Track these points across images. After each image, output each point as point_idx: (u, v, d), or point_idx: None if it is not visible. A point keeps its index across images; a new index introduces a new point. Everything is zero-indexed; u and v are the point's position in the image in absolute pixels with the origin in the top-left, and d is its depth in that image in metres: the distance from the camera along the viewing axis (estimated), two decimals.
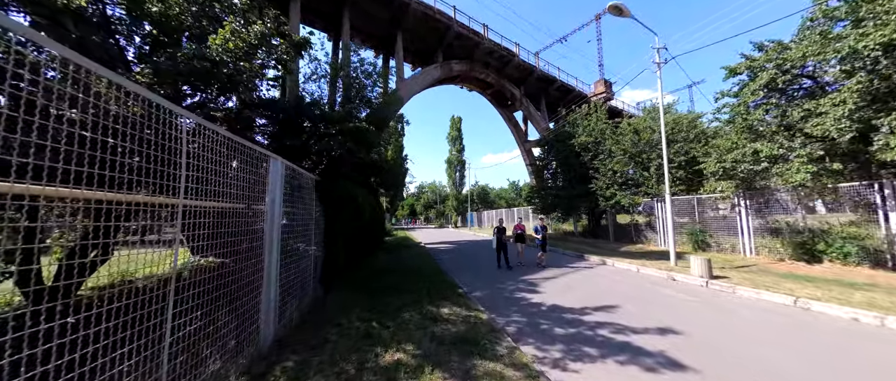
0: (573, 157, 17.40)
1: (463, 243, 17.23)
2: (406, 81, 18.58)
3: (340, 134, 7.29)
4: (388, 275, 7.32)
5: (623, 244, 14.12)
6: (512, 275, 7.81)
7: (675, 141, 13.78)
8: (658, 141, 13.88)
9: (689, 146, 13.29)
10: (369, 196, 10.13)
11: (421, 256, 11.15)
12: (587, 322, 4.40)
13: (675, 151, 13.26)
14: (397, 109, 15.61)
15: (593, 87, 29.74)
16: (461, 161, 42.11)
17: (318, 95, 11.07)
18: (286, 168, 3.92)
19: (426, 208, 63.32)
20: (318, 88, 11.66)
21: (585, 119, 17.79)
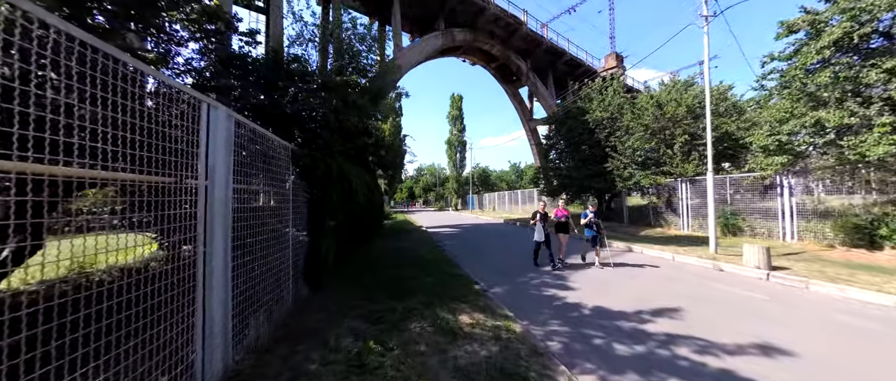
0: (587, 134, 16.10)
1: (466, 227, 16.21)
2: (404, 50, 16.89)
3: (324, 89, 5.88)
4: (389, 267, 6.24)
5: (640, 228, 13.11)
6: (530, 265, 6.75)
7: (702, 116, 12.48)
8: (683, 116, 12.60)
9: (718, 121, 12.00)
10: (365, 175, 8.91)
11: (424, 242, 10.08)
12: (654, 336, 3.33)
13: (704, 126, 11.98)
14: (395, 81, 14.10)
15: (604, 61, 27.92)
16: (462, 142, 40.60)
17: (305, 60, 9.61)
18: (240, 126, 2.69)
19: (425, 190, 62.26)
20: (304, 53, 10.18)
21: (601, 93, 16.34)
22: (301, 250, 4.35)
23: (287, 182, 3.83)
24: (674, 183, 12.54)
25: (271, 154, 3.45)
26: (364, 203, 8.29)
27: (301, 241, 4.35)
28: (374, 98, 10.88)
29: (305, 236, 4.47)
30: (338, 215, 5.71)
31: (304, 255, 4.44)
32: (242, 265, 2.73)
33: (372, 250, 8.34)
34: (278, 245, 3.57)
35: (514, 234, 12.84)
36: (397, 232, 13.01)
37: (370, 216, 9.36)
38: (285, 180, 3.79)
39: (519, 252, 8.37)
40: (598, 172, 15.60)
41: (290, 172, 3.96)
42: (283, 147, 3.78)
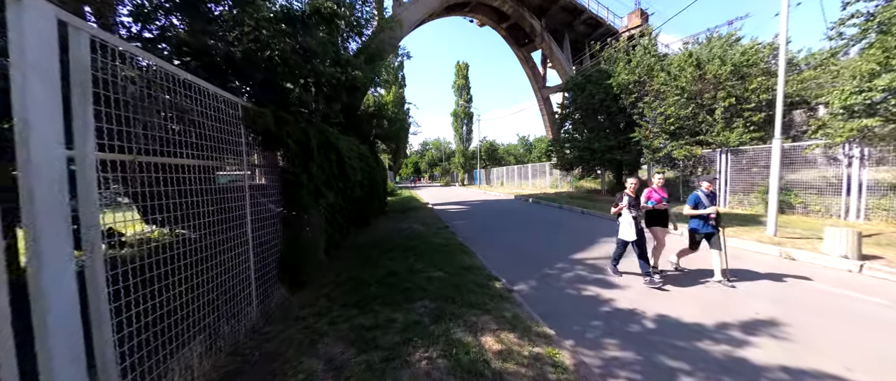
0: (610, 100, 14.46)
1: (476, 205, 15.18)
2: (405, 4, 14.98)
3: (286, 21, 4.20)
4: (390, 255, 5.25)
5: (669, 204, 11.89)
6: (552, 249, 5.71)
7: (750, 76, 10.78)
8: (726, 77, 10.89)
9: (771, 81, 10.31)
10: (362, 147, 7.75)
11: (430, 222, 9.08)
12: (767, 371, 2.29)
13: (755, 87, 10.34)
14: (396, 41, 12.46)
15: (627, 19, 25.18)
16: (468, 114, 38.63)
17: None
18: (104, 51, 1.54)
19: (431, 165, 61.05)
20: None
21: (628, 54, 14.46)
22: (272, 242, 3.33)
23: (232, 149, 2.72)
24: (711, 154, 11.12)
25: (203, 110, 2.32)
26: (362, 180, 7.22)
27: (271, 231, 3.31)
28: (371, 58, 9.47)
29: (275, 225, 3.43)
30: (326, 194, 4.64)
31: (277, 249, 3.43)
32: (148, 282, 1.70)
33: (372, 233, 7.37)
34: (228, 242, 2.53)
35: (527, 212, 11.77)
36: (402, 210, 12.04)
37: (370, 195, 8.33)
38: (233, 151, 2.68)
39: (538, 234, 7.32)
40: (619, 144, 14.17)
41: (244, 136, 2.84)
42: (227, 103, 2.62)
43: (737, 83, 10.83)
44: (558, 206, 12.69)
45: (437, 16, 18.53)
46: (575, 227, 8.32)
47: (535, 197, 16.38)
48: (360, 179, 6.79)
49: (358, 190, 6.49)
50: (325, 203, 4.75)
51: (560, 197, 16.04)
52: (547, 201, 14.19)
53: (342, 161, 5.41)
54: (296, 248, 3.56)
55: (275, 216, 3.40)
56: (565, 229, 7.97)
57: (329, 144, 4.86)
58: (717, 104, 11.04)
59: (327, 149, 4.76)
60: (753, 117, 10.34)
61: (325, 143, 4.71)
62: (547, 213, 11.26)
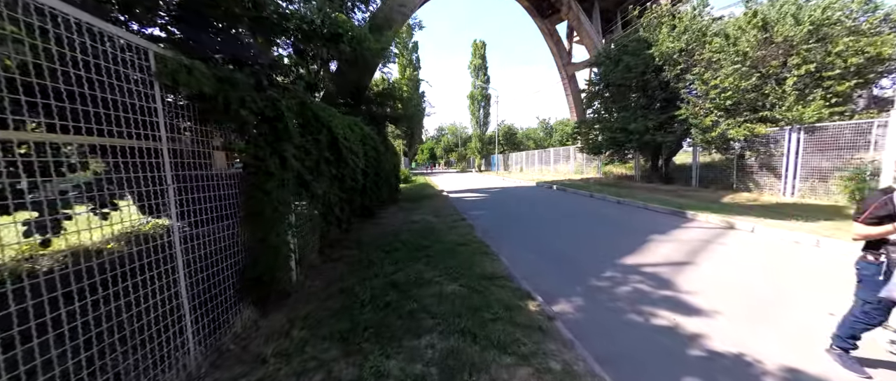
0: (651, 73, 12.68)
1: (494, 192, 14.07)
2: None
3: None
4: (395, 255, 4.35)
5: (717, 192, 10.34)
6: (593, 250, 4.61)
7: (830, 37, 8.82)
8: (802, 39, 8.98)
9: (863, 42, 8.36)
10: (367, 128, 6.80)
11: (445, 212, 8.13)
12: None
13: (840, 49, 8.43)
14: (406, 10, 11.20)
15: None
16: (486, 96, 36.80)
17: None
18: None
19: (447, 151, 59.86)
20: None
21: (674, 17, 12.49)
22: (229, 252, 2.46)
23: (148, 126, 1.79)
24: (776, 133, 9.38)
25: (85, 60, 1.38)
26: (367, 166, 6.31)
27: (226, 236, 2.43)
28: (378, 28, 8.38)
29: (234, 227, 2.55)
30: (313, 185, 3.75)
31: (238, 259, 2.57)
32: None
33: (380, 226, 6.50)
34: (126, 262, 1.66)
35: (554, 201, 10.57)
36: (415, 199, 11.15)
37: (377, 183, 7.43)
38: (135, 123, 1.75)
39: (571, 229, 6.19)
40: (660, 123, 12.47)
41: (164, 104, 1.91)
42: (127, 48, 1.68)
43: (815, 46, 8.92)
44: (588, 194, 11.38)
45: None
46: (615, 220, 7.11)
47: (559, 183, 15.04)
48: (363, 165, 5.87)
49: (361, 178, 5.58)
50: (322, 191, 3.87)
51: (588, 184, 14.63)
52: (574, 189, 12.87)
53: (337, 144, 4.47)
54: (265, 255, 2.69)
55: (230, 215, 2.52)
56: (604, 223, 6.79)
57: (317, 121, 3.91)
58: (788, 73, 9.21)
59: (314, 128, 3.82)
60: (837, 87, 8.49)
61: (311, 120, 3.76)
62: (576, 202, 10.02)
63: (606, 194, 10.87)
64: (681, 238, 5.40)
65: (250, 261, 2.64)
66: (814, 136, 8.60)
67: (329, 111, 4.46)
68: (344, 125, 4.91)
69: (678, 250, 4.75)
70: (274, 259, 2.75)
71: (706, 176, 11.63)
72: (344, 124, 4.93)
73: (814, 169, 8.64)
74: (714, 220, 6.57)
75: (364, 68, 8.36)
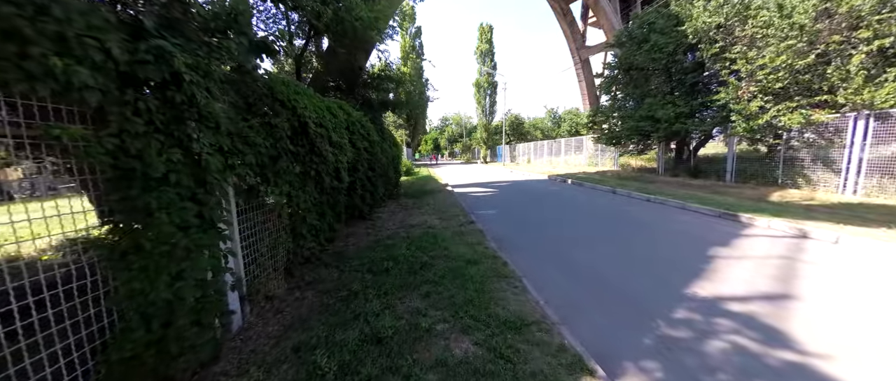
0: (682, 54, 11.26)
1: (503, 187, 12.91)
2: None
3: None
4: (383, 283, 3.27)
5: (761, 189, 9.07)
6: (645, 272, 3.49)
7: None
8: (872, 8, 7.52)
9: None
10: (355, 113, 5.64)
11: (449, 212, 7.03)
12: None
13: None
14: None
15: None
16: (492, 83, 35.19)
17: None
18: None
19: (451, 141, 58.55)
20: None
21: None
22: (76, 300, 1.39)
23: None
24: (837, 121, 8.03)
25: None
26: (356, 159, 5.19)
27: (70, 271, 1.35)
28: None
29: (84, 254, 1.46)
30: (271, 189, 2.66)
31: (107, 324, 1.49)
32: None
33: (372, 232, 5.42)
34: None
35: (572, 198, 9.40)
36: (417, 194, 10.06)
37: (372, 179, 6.32)
38: None
39: (606, 237, 5.02)
40: (692, 110, 11.12)
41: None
42: None
43: (889, 17, 7.47)
44: (610, 190, 10.18)
45: None
46: (652, 223, 5.95)
47: (573, 177, 13.82)
48: (350, 158, 4.75)
49: (346, 175, 4.47)
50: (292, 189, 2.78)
51: (606, 178, 13.39)
52: (591, 183, 11.66)
53: (308, 132, 3.34)
54: (148, 318, 1.61)
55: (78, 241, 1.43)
56: (641, 227, 5.64)
57: (273, 98, 2.78)
58: (854, 50, 7.79)
59: (267, 108, 2.69)
60: None
61: (262, 96, 2.63)
62: (598, 200, 8.84)
63: (630, 189, 9.66)
64: (751, 253, 4.24)
65: (122, 328, 1.56)
66: (886, 124, 7.26)
67: (294, 87, 3.31)
68: (319, 107, 3.77)
69: (758, 271, 3.60)
70: (166, 322, 1.67)
71: (744, 170, 10.33)
72: (319, 106, 3.79)
73: (885, 163, 7.33)
74: (779, 225, 5.37)
75: (355, 44, 7.14)
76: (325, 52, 8.88)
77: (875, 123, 7.39)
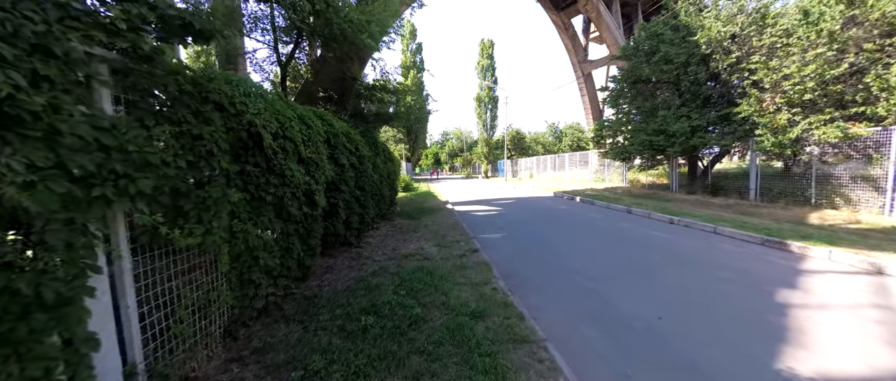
0: (696, 65, 10.67)
1: (508, 204, 12.06)
2: None
3: None
4: (356, 353, 2.41)
5: (793, 209, 8.20)
6: (707, 326, 2.60)
7: None
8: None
9: None
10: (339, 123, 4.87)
11: (450, 237, 6.18)
12: None
13: None
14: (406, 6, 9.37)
15: None
16: (493, 98, 34.98)
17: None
18: None
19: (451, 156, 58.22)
20: None
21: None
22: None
23: None
24: (878, 135, 7.26)
25: None
26: (339, 179, 4.40)
27: None
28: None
29: None
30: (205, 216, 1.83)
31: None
32: None
33: (355, 266, 4.54)
34: None
35: (587, 219, 8.54)
36: (414, 214, 9.21)
37: (361, 200, 5.49)
38: None
39: (637, 269, 4.10)
40: (709, 123, 10.43)
41: None
42: None
43: None
44: (625, 209, 9.32)
45: None
46: (690, 255, 5.06)
47: (581, 194, 12.99)
48: (330, 177, 3.94)
49: (322, 199, 3.64)
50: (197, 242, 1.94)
51: (617, 195, 12.55)
52: (603, 201, 10.82)
53: (262, 145, 2.54)
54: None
55: None
56: (678, 261, 4.74)
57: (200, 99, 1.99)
58: (891, 59, 7.12)
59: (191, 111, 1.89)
60: None
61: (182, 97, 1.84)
62: (615, 221, 7.97)
63: (648, 208, 8.81)
64: (832, 299, 3.35)
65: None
66: None
67: (244, 86, 2.53)
68: (285, 116, 2.98)
69: (861, 330, 2.70)
70: None
71: (770, 188, 9.50)
72: (285, 114, 3.00)
73: None
74: (843, 258, 4.48)
75: (346, 50, 6.48)
76: (315, 60, 8.26)
77: None
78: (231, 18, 6.28)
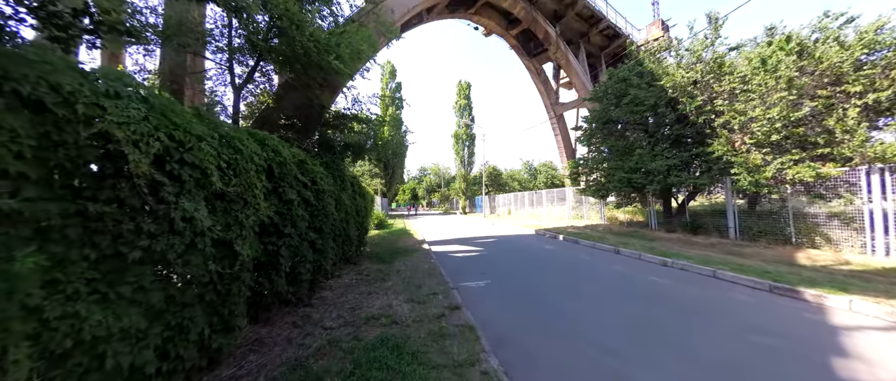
0: (664, 106, 11.08)
1: (489, 243, 11.24)
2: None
3: None
4: None
5: (776, 248, 8.03)
6: None
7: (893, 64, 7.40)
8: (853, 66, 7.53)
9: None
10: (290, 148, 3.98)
11: (426, 286, 5.18)
12: None
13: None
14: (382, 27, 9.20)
15: (647, 30, 22.79)
16: (470, 135, 35.68)
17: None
18: None
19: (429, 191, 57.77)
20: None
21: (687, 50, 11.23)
22: None
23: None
24: (848, 175, 7.44)
25: None
26: (285, 221, 3.42)
27: None
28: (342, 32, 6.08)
29: None
30: None
31: None
32: None
33: (296, 335, 3.39)
34: None
35: (573, 261, 7.86)
36: (386, 256, 8.11)
37: (318, 245, 4.45)
38: None
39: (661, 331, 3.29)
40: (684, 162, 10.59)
41: None
42: None
43: (875, 73, 7.42)
44: (612, 249, 8.80)
45: (438, 14, 15.73)
46: (706, 310, 4.39)
47: (563, 232, 12.51)
48: (263, 217, 2.97)
49: (247, 247, 2.62)
50: None
51: (600, 234, 12.18)
52: (588, 240, 10.31)
53: (122, 171, 1.60)
54: None
55: None
56: (702, 320, 4.04)
57: None
58: (846, 104, 7.57)
59: None
60: None
61: None
62: (607, 264, 7.34)
63: (635, 248, 8.34)
64: (881, 366, 2.70)
65: None
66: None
67: (87, 72, 1.65)
68: (179, 126, 2.07)
69: None
70: None
71: (749, 226, 9.47)
72: (179, 124, 2.09)
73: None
74: (865, 308, 4.00)
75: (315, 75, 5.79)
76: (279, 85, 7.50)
77: (892, 176, 6.79)
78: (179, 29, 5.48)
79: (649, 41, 22.81)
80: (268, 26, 5.01)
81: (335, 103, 8.16)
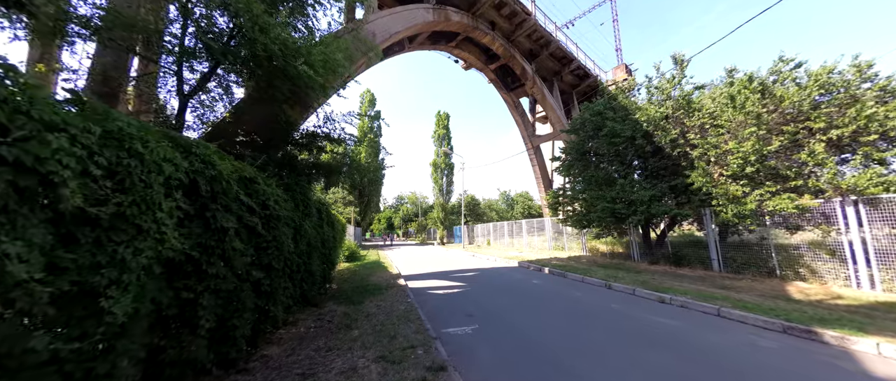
0: (641, 138, 11.31)
1: (472, 277, 10.36)
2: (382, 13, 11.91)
3: None
4: None
5: (763, 281, 7.86)
6: None
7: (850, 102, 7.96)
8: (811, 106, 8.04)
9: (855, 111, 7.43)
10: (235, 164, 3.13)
11: (401, 337, 4.28)
12: None
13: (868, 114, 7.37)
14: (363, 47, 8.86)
15: (613, 73, 24.60)
16: (449, 164, 35.62)
17: None
18: None
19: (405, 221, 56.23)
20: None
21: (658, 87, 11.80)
22: None
23: None
24: (824, 207, 7.59)
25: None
26: (216, 249, 2.48)
27: None
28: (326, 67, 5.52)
29: None
30: None
31: None
32: None
33: None
34: None
35: (565, 298, 7.19)
36: (354, 294, 7.01)
37: (266, 281, 3.46)
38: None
39: None
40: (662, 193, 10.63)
41: None
42: None
43: (832, 111, 7.91)
44: (602, 283, 8.25)
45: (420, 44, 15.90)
46: (729, 360, 3.80)
47: (547, 264, 11.93)
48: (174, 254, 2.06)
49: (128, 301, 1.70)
50: None
51: (582, 265, 11.73)
52: (575, 273, 9.75)
53: None
54: None
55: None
56: (729, 375, 3.41)
57: None
58: (811, 139, 7.94)
59: None
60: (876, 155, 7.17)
61: None
62: (605, 301, 6.71)
63: (626, 282, 7.86)
64: None
65: None
66: (880, 209, 6.83)
67: None
68: (4, 101, 1.25)
69: None
70: None
71: (733, 258, 9.39)
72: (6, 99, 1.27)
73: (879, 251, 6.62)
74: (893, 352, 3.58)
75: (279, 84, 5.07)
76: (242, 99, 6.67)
77: (866, 208, 6.94)
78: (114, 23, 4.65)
79: (617, 82, 24.58)
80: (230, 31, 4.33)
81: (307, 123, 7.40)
